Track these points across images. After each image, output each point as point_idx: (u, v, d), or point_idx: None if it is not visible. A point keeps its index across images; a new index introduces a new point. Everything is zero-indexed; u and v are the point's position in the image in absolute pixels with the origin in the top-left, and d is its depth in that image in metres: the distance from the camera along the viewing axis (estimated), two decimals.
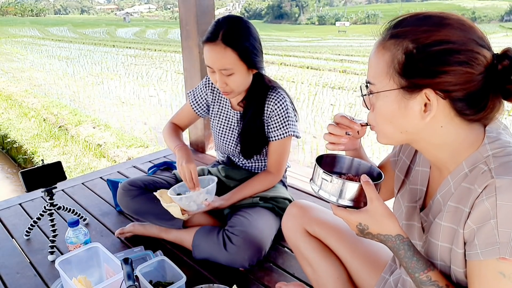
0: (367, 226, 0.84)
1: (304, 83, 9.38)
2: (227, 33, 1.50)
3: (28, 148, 5.15)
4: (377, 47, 0.78)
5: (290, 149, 1.76)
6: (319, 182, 0.89)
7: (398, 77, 0.75)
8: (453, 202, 0.78)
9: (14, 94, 8.40)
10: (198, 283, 1.40)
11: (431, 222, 0.84)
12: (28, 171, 1.68)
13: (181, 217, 1.56)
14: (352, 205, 0.86)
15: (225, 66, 1.52)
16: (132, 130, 6.03)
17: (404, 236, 0.83)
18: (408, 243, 0.82)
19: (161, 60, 14.18)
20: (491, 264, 0.69)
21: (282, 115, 1.65)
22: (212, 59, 1.53)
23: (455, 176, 0.79)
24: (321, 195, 0.89)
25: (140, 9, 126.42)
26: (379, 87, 0.78)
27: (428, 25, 0.72)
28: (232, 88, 1.58)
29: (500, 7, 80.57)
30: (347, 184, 0.86)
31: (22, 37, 24.54)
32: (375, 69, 0.78)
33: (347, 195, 0.86)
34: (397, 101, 0.76)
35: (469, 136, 0.77)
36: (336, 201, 0.87)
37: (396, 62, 0.74)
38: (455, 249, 0.77)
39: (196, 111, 1.88)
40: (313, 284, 1.24)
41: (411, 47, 0.72)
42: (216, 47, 1.51)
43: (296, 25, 78.07)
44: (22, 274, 1.63)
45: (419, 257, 0.81)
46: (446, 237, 0.78)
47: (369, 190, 0.84)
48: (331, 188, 0.87)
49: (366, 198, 0.85)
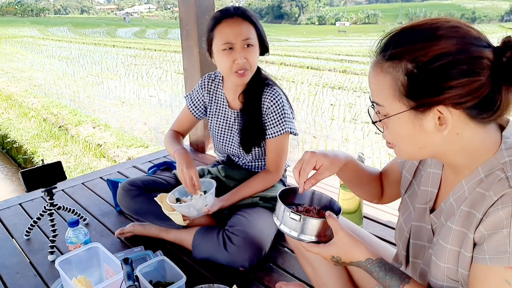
0: (339, 257, 0.90)
1: (304, 83, 9.37)
2: (242, 12, 1.58)
3: (28, 148, 5.14)
4: (374, 69, 0.77)
5: (290, 148, 1.76)
6: (286, 221, 0.94)
7: (405, 99, 0.73)
8: (466, 206, 0.77)
9: (14, 94, 8.40)
10: (198, 283, 1.40)
11: (442, 225, 0.83)
12: (28, 171, 1.68)
13: (183, 223, 1.57)
14: (317, 240, 0.93)
15: (247, 35, 1.56)
16: (132, 130, 6.03)
17: (373, 258, 0.87)
18: (378, 264, 0.87)
19: (161, 60, 14.17)
20: (498, 271, 0.69)
21: (278, 111, 1.65)
22: (234, 29, 1.55)
23: (469, 180, 0.78)
24: (292, 235, 0.93)
25: (140, 9, 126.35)
26: (389, 110, 0.76)
27: (422, 41, 0.70)
28: (251, 64, 1.60)
29: (500, 7, 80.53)
30: (311, 221, 0.92)
31: (22, 37, 24.52)
32: (380, 92, 0.76)
33: (312, 231, 0.92)
34: (411, 121, 0.74)
35: (486, 140, 0.76)
36: (302, 238, 0.92)
37: (400, 84, 0.72)
38: (463, 253, 0.76)
39: (194, 114, 1.88)
40: (314, 284, 1.25)
41: (411, 67, 0.70)
42: (235, 20, 1.57)
43: (296, 25, 78.09)
44: (22, 274, 1.63)
45: (391, 275, 0.85)
46: (456, 241, 0.78)
47: (333, 223, 0.90)
48: (297, 226, 0.92)
49: (328, 231, 0.93)
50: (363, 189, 1.11)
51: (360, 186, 1.10)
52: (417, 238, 0.93)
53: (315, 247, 0.92)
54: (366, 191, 1.12)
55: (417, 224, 0.93)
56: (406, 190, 1.01)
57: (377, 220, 1.97)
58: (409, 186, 1.00)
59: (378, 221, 1.96)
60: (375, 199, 1.14)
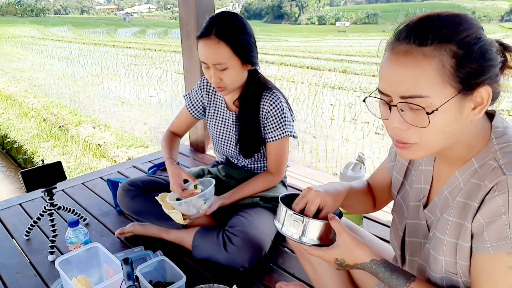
0: (343, 260, 0.88)
1: (304, 83, 9.36)
2: (221, 27, 1.51)
3: (28, 148, 5.14)
4: (409, 59, 0.71)
5: (290, 149, 1.76)
6: (288, 224, 0.92)
7: (454, 83, 0.70)
8: (461, 197, 0.78)
9: (14, 94, 8.39)
10: (198, 283, 1.40)
11: (438, 218, 0.84)
12: (28, 171, 1.68)
13: (183, 222, 1.57)
14: (319, 243, 0.91)
15: (218, 60, 1.51)
16: (132, 130, 6.03)
17: (378, 259, 0.86)
18: (383, 264, 0.86)
19: (161, 60, 14.16)
20: (501, 258, 0.70)
21: (278, 115, 1.65)
22: (206, 53, 1.53)
23: (464, 172, 0.79)
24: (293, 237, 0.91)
25: (140, 9, 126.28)
26: (436, 99, 0.70)
27: (460, 25, 0.71)
28: (226, 84, 1.57)
29: (500, 7, 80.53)
30: (314, 222, 0.89)
31: (22, 37, 24.49)
32: (424, 81, 0.70)
33: (314, 234, 0.90)
34: (455, 108, 0.71)
35: (482, 129, 0.78)
36: (304, 241, 0.90)
37: (448, 67, 0.69)
38: (461, 244, 0.77)
39: (192, 114, 1.87)
40: (314, 284, 1.25)
41: (456, 49, 0.69)
42: (209, 42, 1.51)
43: (296, 25, 78.05)
44: (22, 274, 1.63)
45: (397, 274, 0.84)
46: (453, 233, 0.79)
47: (336, 224, 0.88)
48: (299, 229, 0.90)
49: (330, 235, 0.91)
50: (360, 206, 1.11)
51: (358, 205, 1.10)
52: (413, 235, 0.93)
53: (317, 250, 0.90)
54: (363, 207, 1.12)
55: (412, 222, 0.94)
56: (398, 191, 1.02)
57: (377, 220, 1.97)
58: (400, 187, 1.01)
59: (378, 221, 1.96)
60: (371, 209, 1.14)
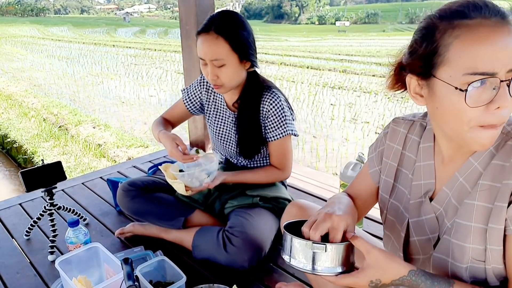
0: (379, 280, 0.80)
1: (304, 83, 9.36)
2: (220, 23, 1.51)
3: (28, 148, 5.15)
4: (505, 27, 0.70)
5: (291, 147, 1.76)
6: (305, 255, 0.82)
7: None
8: (486, 180, 0.77)
9: (14, 94, 8.40)
10: (198, 283, 1.40)
11: (455, 206, 0.83)
12: (28, 171, 1.68)
13: (185, 193, 1.57)
14: (344, 270, 0.81)
15: (216, 56, 1.51)
16: (132, 130, 6.03)
17: (415, 269, 0.79)
18: (422, 273, 0.79)
19: (161, 60, 14.17)
20: None
21: (278, 115, 1.65)
22: (204, 49, 1.53)
23: (478, 157, 0.79)
24: (317, 270, 0.82)
25: (140, 9, 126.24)
26: None
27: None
28: (223, 82, 1.56)
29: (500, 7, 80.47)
30: (337, 247, 0.80)
31: (22, 37, 24.50)
32: None
33: (337, 260, 0.81)
34: None
35: None
36: (327, 272, 0.81)
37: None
38: (492, 227, 0.76)
39: (188, 107, 1.87)
40: (313, 284, 1.25)
41: None
42: (208, 37, 1.51)
43: (296, 25, 77.99)
44: (22, 274, 1.63)
45: (438, 280, 0.79)
46: (481, 217, 0.77)
47: (362, 244, 0.81)
48: (319, 259, 0.80)
49: (351, 257, 0.83)
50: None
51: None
52: (420, 233, 0.92)
53: (347, 278, 0.81)
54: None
55: (416, 219, 0.92)
56: (390, 194, 1.00)
57: (377, 220, 1.96)
58: (392, 190, 0.99)
59: (378, 221, 1.96)
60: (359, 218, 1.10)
